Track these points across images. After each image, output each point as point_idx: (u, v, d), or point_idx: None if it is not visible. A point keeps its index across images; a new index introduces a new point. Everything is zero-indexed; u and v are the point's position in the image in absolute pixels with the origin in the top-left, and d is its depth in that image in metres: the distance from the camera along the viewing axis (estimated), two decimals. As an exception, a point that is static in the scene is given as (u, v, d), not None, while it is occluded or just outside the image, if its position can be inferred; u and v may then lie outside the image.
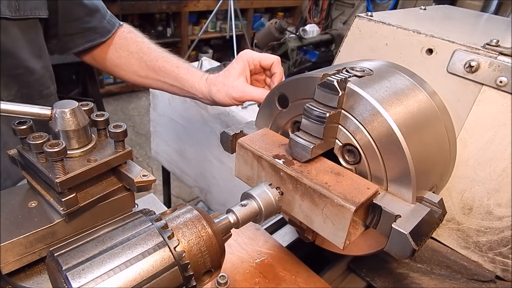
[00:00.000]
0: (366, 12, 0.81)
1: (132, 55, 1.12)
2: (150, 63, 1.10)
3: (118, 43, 1.14)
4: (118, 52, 1.14)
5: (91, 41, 1.10)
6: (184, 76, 1.05)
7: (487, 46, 0.63)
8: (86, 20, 1.07)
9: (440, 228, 0.75)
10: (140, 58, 1.11)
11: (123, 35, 1.15)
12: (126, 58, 1.13)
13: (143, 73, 1.12)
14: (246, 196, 0.58)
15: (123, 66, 1.14)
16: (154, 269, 0.42)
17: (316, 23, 5.53)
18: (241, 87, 0.93)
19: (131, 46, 1.13)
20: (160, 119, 2.33)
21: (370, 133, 0.56)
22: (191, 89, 1.05)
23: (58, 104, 0.55)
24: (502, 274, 0.71)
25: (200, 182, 2.23)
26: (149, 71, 1.11)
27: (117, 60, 1.15)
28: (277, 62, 0.96)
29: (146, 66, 1.11)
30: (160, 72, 1.09)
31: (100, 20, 1.10)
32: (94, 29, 1.09)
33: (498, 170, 0.65)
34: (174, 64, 1.08)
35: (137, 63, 1.12)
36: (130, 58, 1.13)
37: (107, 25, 1.11)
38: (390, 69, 0.67)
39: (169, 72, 1.08)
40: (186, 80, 1.05)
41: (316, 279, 0.72)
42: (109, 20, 1.12)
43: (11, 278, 0.55)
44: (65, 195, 0.53)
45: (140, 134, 4.17)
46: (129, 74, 1.15)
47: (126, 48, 1.13)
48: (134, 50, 1.13)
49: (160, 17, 5.21)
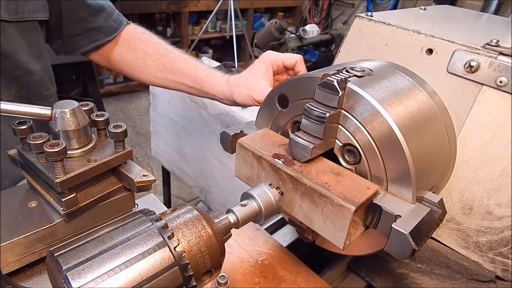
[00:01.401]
0: (366, 12, 0.81)
1: (149, 56, 1.11)
2: (168, 64, 1.09)
3: (133, 43, 1.13)
4: (134, 53, 1.13)
5: (96, 40, 1.10)
6: (203, 78, 1.05)
7: (487, 46, 0.63)
8: (91, 20, 1.07)
9: (440, 228, 0.75)
10: (157, 60, 1.11)
11: (137, 36, 1.14)
12: (142, 59, 1.12)
13: (160, 74, 1.12)
14: (246, 196, 0.58)
15: (139, 67, 1.14)
16: (154, 269, 0.42)
17: (316, 23, 5.54)
18: (264, 89, 0.93)
19: (147, 47, 1.12)
20: (160, 119, 2.33)
21: (370, 133, 0.56)
22: (211, 91, 1.04)
23: (58, 104, 0.55)
24: (502, 274, 0.71)
25: (200, 182, 2.23)
26: (166, 72, 1.10)
27: (133, 62, 1.14)
28: (300, 61, 0.96)
29: (163, 68, 1.10)
30: (178, 73, 1.08)
31: (105, 19, 1.09)
32: (99, 28, 1.09)
33: (498, 170, 0.65)
34: (193, 65, 1.07)
35: (154, 64, 1.11)
36: (147, 59, 1.12)
37: (113, 24, 1.11)
38: (390, 69, 0.67)
39: (187, 73, 1.07)
40: (205, 82, 1.05)
41: (316, 279, 0.72)
42: (115, 18, 1.12)
43: (11, 278, 0.55)
44: (65, 195, 0.53)
45: (140, 134, 4.17)
46: (146, 75, 1.15)
47: (142, 49, 1.12)
48: (150, 51, 1.11)
49: (160, 17, 5.21)
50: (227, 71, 1.94)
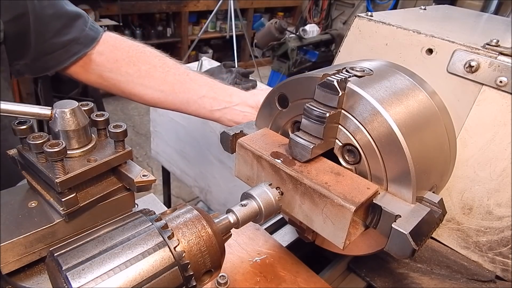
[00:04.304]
0: (366, 12, 0.81)
1: (156, 69, 1.01)
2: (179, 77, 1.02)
3: (135, 56, 1.02)
4: (136, 65, 1.02)
5: (75, 54, 0.96)
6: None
7: (487, 46, 0.63)
8: (65, 32, 0.94)
9: (440, 228, 0.75)
10: (166, 72, 1.01)
11: (140, 49, 1.04)
12: (147, 72, 1.02)
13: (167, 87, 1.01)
14: (246, 196, 0.58)
15: (144, 80, 1.02)
16: (154, 269, 0.42)
17: (316, 23, 5.54)
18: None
19: (153, 60, 1.02)
20: (160, 119, 2.33)
21: (370, 133, 0.56)
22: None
23: (58, 104, 0.55)
24: (502, 274, 0.71)
25: (200, 182, 2.23)
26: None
27: (135, 74, 1.02)
28: None
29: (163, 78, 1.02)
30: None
31: (81, 29, 0.97)
32: (76, 40, 0.96)
33: (498, 170, 0.65)
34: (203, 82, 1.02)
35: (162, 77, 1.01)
36: (154, 72, 1.02)
37: (90, 32, 0.98)
38: (390, 69, 0.67)
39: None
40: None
41: (316, 279, 0.72)
42: (91, 27, 1.00)
43: (11, 278, 0.55)
44: (65, 195, 0.53)
45: (140, 134, 4.17)
46: (148, 89, 1.02)
47: (147, 62, 1.02)
48: (157, 64, 1.02)
49: (160, 17, 5.21)
50: (227, 71, 1.94)
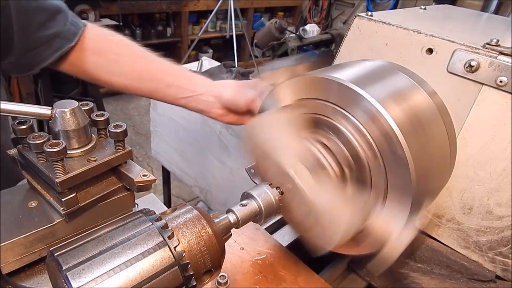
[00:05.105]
0: (366, 12, 0.81)
1: (124, 58, 0.94)
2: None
3: (106, 46, 0.96)
4: (107, 55, 0.95)
5: (60, 48, 0.90)
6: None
7: (487, 45, 0.63)
8: (48, 26, 0.88)
9: (440, 228, 0.75)
10: (133, 61, 0.94)
11: (114, 40, 0.97)
12: (115, 60, 0.94)
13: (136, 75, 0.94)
14: (246, 196, 0.58)
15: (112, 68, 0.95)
16: (154, 269, 0.42)
17: (316, 23, 5.53)
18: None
19: (122, 49, 0.95)
20: (160, 119, 2.33)
21: (370, 133, 0.56)
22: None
23: (58, 104, 0.55)
24: (502, 274, 0.71)
25: (200, 182, 2.23)
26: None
27: (106, 63, 0.95)
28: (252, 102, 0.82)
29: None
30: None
31: (63, 23, 0.91)
32: (59, 34, 0.90)
33: (498, 169, 0.65)
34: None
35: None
36: (122, 60, 0.94)
37: (72, 27, 0.92)
38: (390, 69, 0.67)
39: None
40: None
41: (316, 279, 0.72)
42: (72, 21, 0.93)
43: (11, 278, 0.55)
44: (65, 195, 0.53)
45: (140, 134, 4.17)
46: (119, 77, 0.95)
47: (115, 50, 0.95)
48: (126, 53, 0.94)
49: (160, 16, 5.20)
50: (227, 71, 1.93)
